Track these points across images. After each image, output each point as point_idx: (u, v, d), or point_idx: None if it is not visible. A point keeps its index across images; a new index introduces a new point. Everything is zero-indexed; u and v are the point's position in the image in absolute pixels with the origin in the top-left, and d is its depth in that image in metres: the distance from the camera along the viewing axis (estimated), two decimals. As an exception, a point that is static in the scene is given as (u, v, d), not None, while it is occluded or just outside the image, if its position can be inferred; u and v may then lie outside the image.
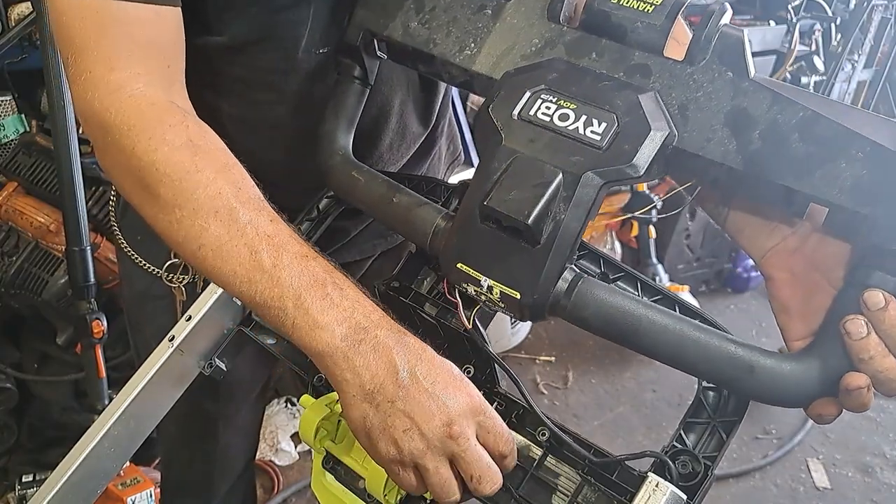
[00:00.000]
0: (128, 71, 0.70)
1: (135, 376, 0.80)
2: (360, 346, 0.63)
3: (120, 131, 0.69)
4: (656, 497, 0.61)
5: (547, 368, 2.85)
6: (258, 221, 0.67)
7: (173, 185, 0.67)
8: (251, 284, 0.65)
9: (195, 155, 0.68)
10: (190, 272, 1.06)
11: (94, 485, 0.79)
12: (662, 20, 0.63)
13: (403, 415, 0.62)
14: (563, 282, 0.64)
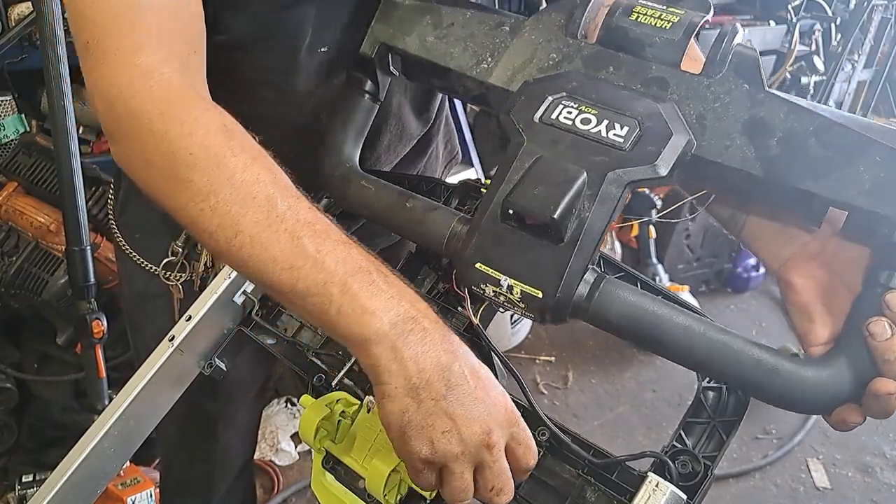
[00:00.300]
0: (156, 55, 0.68)
1: (135, 376, 0.80)
2: (408, 337, 0.61)
3: (150, 116, 0.66)
4: (656, 497, 0.61)
5: (547, 368, 2.85)
6: (297, 208, 0.65)
7: (208, 171, 0.64)
8: (293, 271, 0.62)
9: (230, 139, 0.66)
10: (187, 270, 1.06)
11: (94, 485, 0.79)
12: (680, 36, 0.65)
13: (446, 415, 0.61)
14: (585, 282, 0.63)
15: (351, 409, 0.75)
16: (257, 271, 0.64)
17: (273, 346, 0.83)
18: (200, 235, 0.66)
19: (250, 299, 0.82)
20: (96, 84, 0.69)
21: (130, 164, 0.70)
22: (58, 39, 1.41)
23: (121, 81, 0.67)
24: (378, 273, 0.64)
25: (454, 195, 0.84)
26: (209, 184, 0.64)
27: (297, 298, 0.63)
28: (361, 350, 0.62)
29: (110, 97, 0.68)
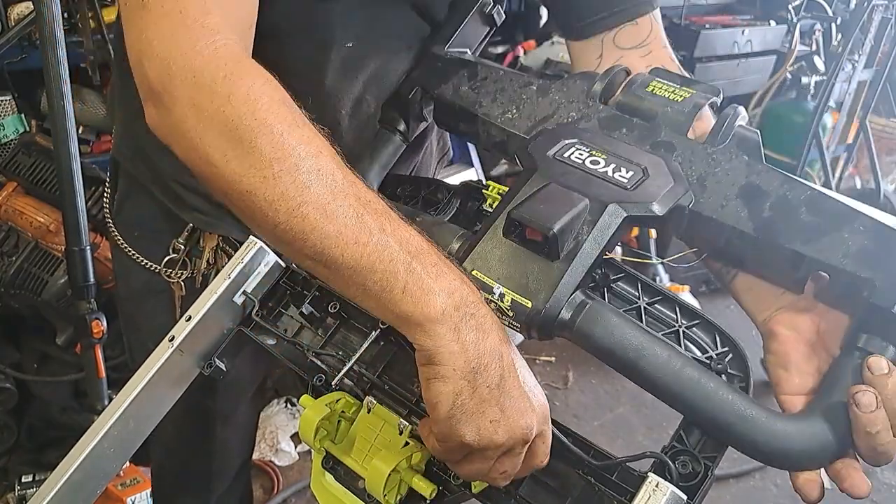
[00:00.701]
0: (222, 20, 0.67)
1: (135, 376, 0.80)
2: (469, 321, 0.61)
3: (213, 76, 0.64)
4: (656, 497, 0.61)
5: (547, 368, 2.85)
6: (357, 186, 0.64)
7: (274, 138, 0.62)
8: (358, 246, 0.61)
9: (293, 111, 0.65)
10: (189, 267, 1.06)
11: (94, 485, 0.79)
12: (690, 108, 0.72)
13: (496, 405, 0.61)
14: (573, 300, 0.66)
15: (351, 409, 0.75)
16: (318, 244, 0.62)
17: (273, 347, 0.83)
18: (258, 206, 0.63)
19: (250, 299, 0.82)
20: (151, 42, 0.66)
21: (178, 129, 0.66)
22: (58, 39, 1.41)
23: (184, 40, 0.65)
24: (438, 256, 0.64)
25: (455, 196, 0.85)
26: (274, 150, 0.62)
27: (359, 274, 0.62)
28: (421, 330, 0.61)
29: (168, 56, 0.65)
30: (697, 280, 3.35)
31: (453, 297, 0.61)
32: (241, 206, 0.65)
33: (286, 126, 0.63)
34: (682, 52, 3.40)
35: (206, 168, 0.65)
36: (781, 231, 0.64)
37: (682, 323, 0.71)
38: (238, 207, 0.66)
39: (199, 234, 1.05)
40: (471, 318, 0.62)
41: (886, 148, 4.24)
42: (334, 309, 0.80)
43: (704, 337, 0.70)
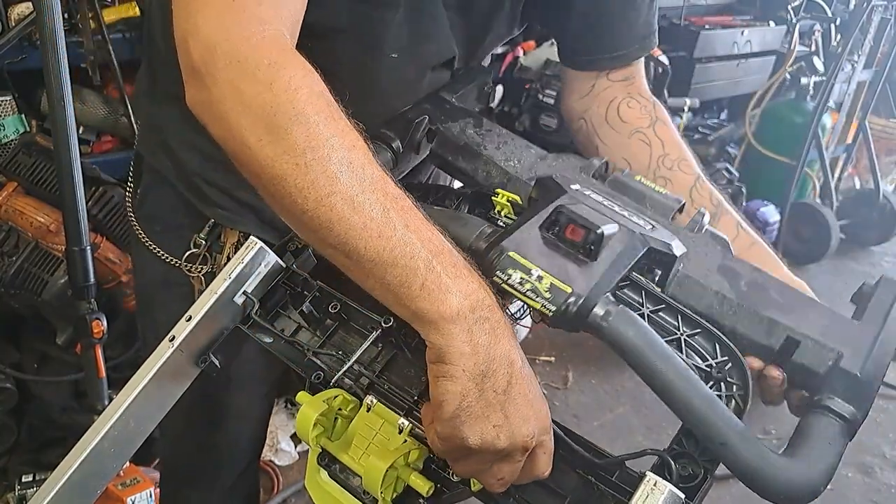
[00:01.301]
0: (272, 10, 0.69)
1: (135, 376, 0.80)
2: (483, 324, 0.62)
3: (257, 63, 0.66)
4: (654, 496, 0.61)
5: (547, 368, 2.85)
6: (386, 182, 0.66)
7: (310, 128, 0.64)
8: (381, 239, 0.63)
9: (330, 105, 0.67)
10: (209, 262, 1.06)
11: (94, 485, 0.79)
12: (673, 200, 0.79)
13: (501, 410, 0.62)
14: (608, 299, 0.68)
15: (348, 406, 0.75)
16: (343, 234, 0.64)
17: (271, 345, 0.83)
18: (287, 191, 0.64)
19: (250, 299, 0.82)
20: (199, 25, 0.68)
21: (217, 110, 0.67)
22: (58, 39, 1.41)
23: (233, 26, 0.67)
24: (458, 258, 0.65)
25: (464, 202, 0.85)
26: (308, 139, 0.64)
27: (380, 267, 0.63)
28: (435, 327, 0.62)
29: (215, 39, 0.67)
30: (697, 280, 3.34)
31: (470, 299, 0.62)
32: (272, 191, 0.66)
33: (323, 117, 0.65)
34: (681, 52, 3.40)
35: (241, 150, 0.66)
36: (758, 302, 0.72)
37: (683, 331, 0.71)
38: (268, 191, 0.67)
39: (221, 230, 1.06)
40: (485, 321, 0.62)
41: (886, 148, 4.24)
42: (334, 310, 0.80)
43: (706, 345, 0.71)
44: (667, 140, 0.99)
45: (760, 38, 3.69)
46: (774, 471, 0.63)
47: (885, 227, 3.92)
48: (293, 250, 0.91)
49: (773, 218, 3.36)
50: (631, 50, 1.02)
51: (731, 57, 3.59)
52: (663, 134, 1.00)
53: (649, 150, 0.98)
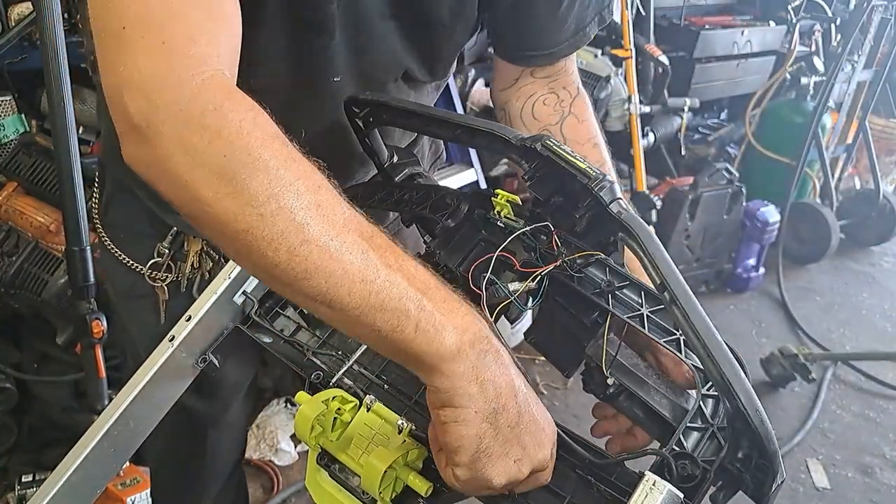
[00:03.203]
0: (208, 49, 0.62)
1: (135, 376, 0.80)
2: (486, 357, 0.59)
3: (202, 109, 0.59)
4: (653, 496, 0.61)
5: (547, 368, 2.85)
6: (359, 221, 0.61)
7: (270, 174, 0.58)
8: (365, 284, 0.58)
9: (286, 145, 0.61)
10: (173, 271, 1.06)
11: (94, 485, 0.79)
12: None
13: (518, 443, 0.60)
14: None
15: (347, 406, 0.75)
16: (322, 284, 0.58)
17: (270, 345, 0.83)
18: (256, 245, 0.58)
19: (250, 299, 0.82)
20: (131, 75, 0.60)
21: (164, 166, 0.60)
22: (58, 39, 1.41)
23: (169, 72, 0.60)
24: (447, 291, 0.61)
25: (464, 202, 0.85)
26: (270, 187, 0.58)
27: (368, 315, 0.59)
28: (437, 371, 0.59)
29: (152, 88, 0.59)
30: (697, 280, 3.35)
31: (467, 334, 0.59)
32: (238, 247, 0.60)
33: (282, 161, 0.59)
34: (681, 52, 3.41)
35: (197, 207, 0.60)
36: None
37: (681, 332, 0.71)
38: (234, 248, 0.61)
39: (184, 238, 1.05)
40: (486, 353, 0.60)
41: (886, 148, 4.24)
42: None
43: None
44: (571, 137, 0.99)
45: (760, 38, 3.69)
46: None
47: (885, 227, 3.91)
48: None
49: (773, 218, 3.36)
50: (557, 49, 0.99)
51: (731, 57, 3.59)
52: (569, 131, 1.00)
53: None
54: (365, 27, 0.86)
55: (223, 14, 0.65)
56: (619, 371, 0.76)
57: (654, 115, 3.22)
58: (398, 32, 0.90)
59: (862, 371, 2.93)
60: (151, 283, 1.05)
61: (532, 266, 0.75)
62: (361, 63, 0.89)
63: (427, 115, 0.86)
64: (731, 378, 0.61)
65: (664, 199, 3.16)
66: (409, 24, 0.90)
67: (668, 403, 0.74)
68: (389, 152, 0.97)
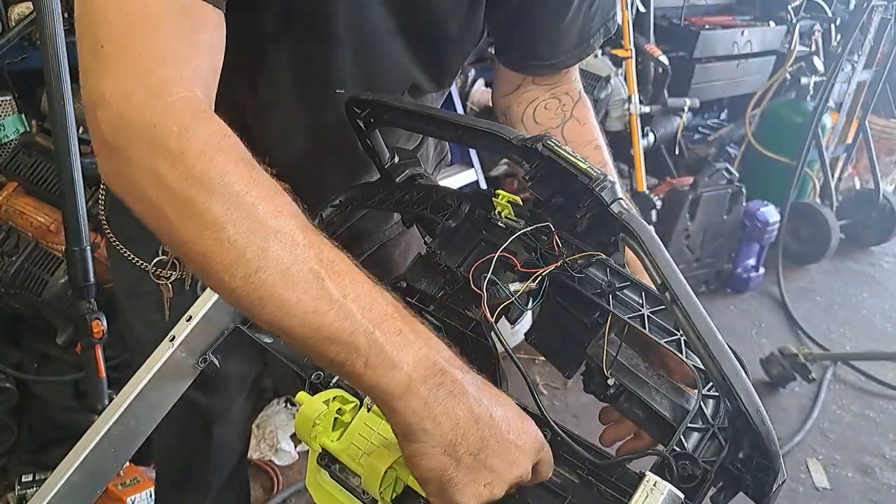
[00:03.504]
0: (181, 68, 0.63)
1: (135, 376, 0.80)
2: (438, 392, 0.59)
3: (167, 131, 0.59)
4: (654, 496, 0.61)
5: (547, 368, 2.85)
6: (320, 245, 0.60)
7: (230, 198, 0.58)
8: (317, 315, 0.58)
9: (252, 168, 0.61)
10: (178, 269, 1.06)
11: (94, 485, 0.79)
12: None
13: (486, 468, 0.60)
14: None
15: (348, 405, 0.75)
16: (276, 312, 0.59)
17: (271, 345, 0.83)
18: (213, 269, 0.59)
19: (250, 299, 0.82)
20: (104, 92, 0.61)
21: (132, 185, 0.62)
22: (58, 39, 1.41)
23: (139, 92, 0.61)
24: (404, 321, 0.61)
25: (465, 203, 0.85)
26: (229, 212, 0.58)
27: (319, 345, 0.59)
28: (389, 406, 0.59)
29: (122, 109, 0.61)
30: (697, 280, 3.35)
31: (419, 369, 0.59)
32: (197, 268, 0.61)
33: (243, 185, 0.59)
34: (681, 52, 3.41)
35: (161, 225, 0.61)
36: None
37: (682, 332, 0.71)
38: (194, 268, 0.62)
39: None
40: (440, 387, 0.59)
41: (886, 148, 4.24)
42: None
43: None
44: (572, 139, 0.99)
45: (760, 39, 3.69)
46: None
47: (884, 227, 3.91)
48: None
49: (773, 218, 3.36)
50: (559, 60, 0.99)
51: (731, 57, 3.59)
52: (571, 133, 1.00)
53: None
54: (372, 43, 0.87)
55: (201, 35, 0.65)
56: (620, 371, 0.76)
57: (654, 115, 3.22)
58: (406, 48, 0.90)
59: (862, 371, 2.93)
60: (156, 280, 1.05)
61: (533, 266, 0.75)
62: (368, 76, 0.90)
63: (428, 116, 0.86)
64: (732, 378, 0.61)
65: (664, 199, 3.16)
66: (417, 40, 0.90)
67: (668, 404, 0.74)
68: (390, 153, 0.97)
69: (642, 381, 0.76)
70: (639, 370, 0.77)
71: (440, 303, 0.80)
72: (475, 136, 0.82)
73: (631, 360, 0.78)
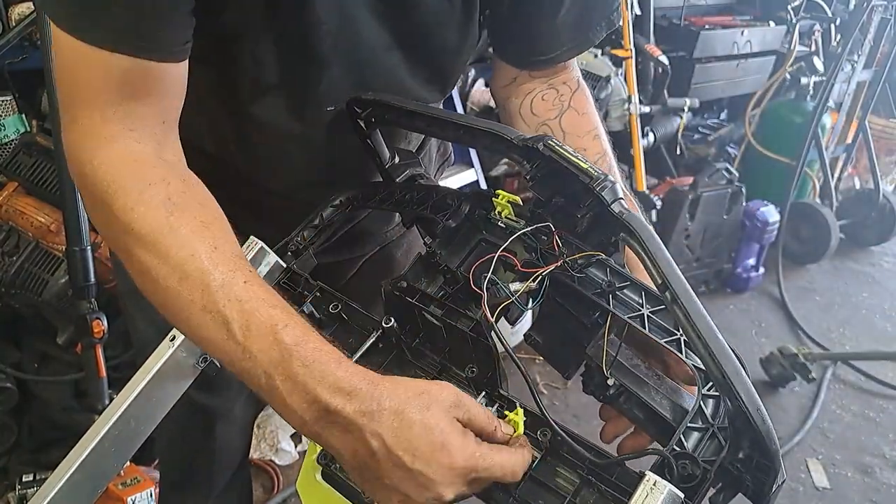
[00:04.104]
0: (121, 125, 0.70)
1: (135, 376, 0.80)
2: (332, 429, 0.62)
3: (103, 186, 0.68)
4: (654, 496, 0.61)
5: (547, 368, 2.85)
6: (231, 284, 0.65)
7: (147, 247, 0.67)
8: (225, 354, 0.65)
9: (171, 214, 0.68)
10: None
11: (94, 485, 0.79)
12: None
13: (393, 489, 0.61)
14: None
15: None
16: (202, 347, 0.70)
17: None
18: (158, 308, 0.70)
19: (250, 299, 0.82)
20: (68, 148, 0.72)
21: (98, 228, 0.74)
22: (58, 40, 1.41)
23: (86, 149, 0.70)
24: (300, 362, 0.62)
25: (465, 203, 0.85)
26: (147, 260, 0.67)
27: (234, 374, 0.66)
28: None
29: (74, 162, 0.71)
30: (697, 280, 3.35)
31: (309, 414, 0.62)
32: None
33: (159, 235, 0.67)
34: (681, 52, 3.41)
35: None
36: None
37: (682, 332, 0.71)
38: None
39: None
40: (332, 426, 0.61)
41: (885, 148, 4.24)
42: (335, 310, 0.80)
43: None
44: (570, 130, 0.99)
45: (760, 39, 3.69)
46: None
47: (884, 227, 3.92)
48: (294, 250, 0.91)
49: (773, 218, 3.36)
50: (556, 55, 0.98)
51: (731, 57, 3.59)
52: (569, 124, 0.99)
53: None
54: (366, 60, 0.86)
55: (151, 90, 0.71)
56: (620, 372, 0.76)
57: (654, 115, 3.23)
58: (404, 62, 0.89)
59: (862, 371, 2.94)
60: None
61: (533, 266, 0.75)
62: (359, 93, 0.89)
63: (429, 116, 0.86)
64: (732, 377, 0.61)
65: (664, 199, 3.16)
66: (414, 53, 0.89)
67: (668, 404, 0.74)
68: (391, 153, 0.97)
69: (642, 382, 0.76)
70: (639, 370, 0.77)
71: (440, 303, 0.80)
72: (476, 136, 0.82)
73: (631, 360, 0.78)
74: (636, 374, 0.76)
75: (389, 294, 0.83)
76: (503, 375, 0.76)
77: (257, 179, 0.98)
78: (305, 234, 0.92)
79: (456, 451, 0.61)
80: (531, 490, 0.70)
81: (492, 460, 0.63)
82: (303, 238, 0.93)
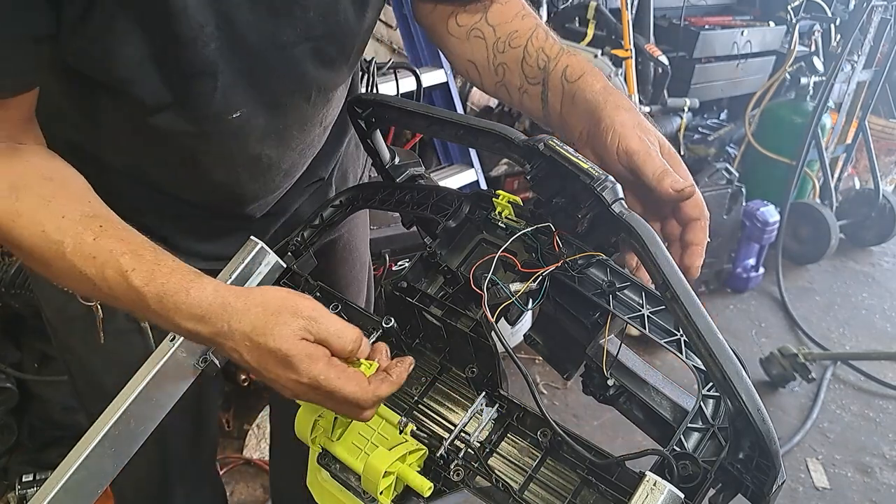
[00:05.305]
0: None
1: (135, 376, 0.80)
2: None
3: None
4: (654, 496, 0.61)
5: (547, 368, 2.85)
6: (81, 245, 0.72)
7: (5, 235, 0.74)
8: (110, 302, 0.74)
9: (17, 201, 0.73)
10: None
11: (94, 485, 0.79)
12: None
13: (272, 382, 0.71)
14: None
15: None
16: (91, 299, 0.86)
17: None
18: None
19: (251, 299, 0.82)
20: None
21: None
22: (58, 40, 1.40)
23: None
24: (154, 300, 0.71)
25: (465, 203, 0.85)
26: (12, 246, 0.75)
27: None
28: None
29: None
30: (697, 280, 3.34)
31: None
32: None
33: (10, 223, 0.73)
34: (681, 52, 3.41)
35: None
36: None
37: (682, 333, 0.71)
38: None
39: None
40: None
41: (885, 148, 4.24)
42: (335, 310, 0.80)
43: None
44: (498, 21, 0.97)
45: (760, 39, 3.69)
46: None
47: (884, 227, 3.92)
48: (293, 251, 0.91)
49: (773, 218, 3.36)
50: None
51: (731, 57, 3.60)
52: (496, 16, 0.97)
53: (484, 42, 0.97)
54: (259, 60, 0.81)
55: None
56: (620, 372, 0.76)
57: (654, 115, 3.23)
58: (305, 55, 0.84)
59: (862, 371, 2.94)
60: (84, 302, 1.01)
61: (533, 266, 0.75)
62: (264, 94, 0.85)
63: (430, 116, 0.86)
64: (732, 377, 0.61)
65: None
66: (313, 43, 0.84)
67: (668, 404, 0.74)
68: (391, 153, 0.97)
69: (642, 382, 0.76)
70: (639, 370, 0.77)
71: (440, 303, 0.80)
72: (477, 136, 0.82)
73: (631, 360, 0.78)
74: (636, 374, 0.77)
75: (389, 294, 0.83)
76: (503, 375, 0.76)
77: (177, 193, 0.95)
78: (305, 235, 0.92)
79: (300, 369, 0.69)
80: (533, 490, 0.70)
81: (334, 384, 0.69)
82: (303, 238, 0.93)
